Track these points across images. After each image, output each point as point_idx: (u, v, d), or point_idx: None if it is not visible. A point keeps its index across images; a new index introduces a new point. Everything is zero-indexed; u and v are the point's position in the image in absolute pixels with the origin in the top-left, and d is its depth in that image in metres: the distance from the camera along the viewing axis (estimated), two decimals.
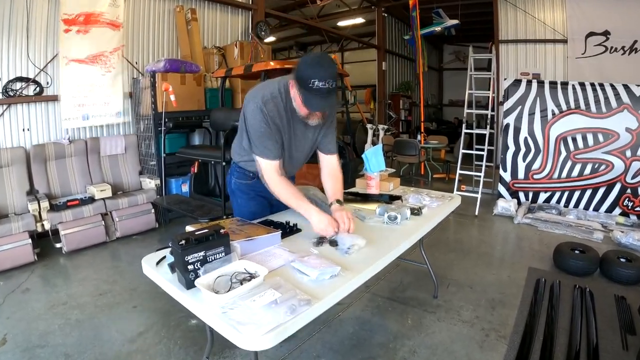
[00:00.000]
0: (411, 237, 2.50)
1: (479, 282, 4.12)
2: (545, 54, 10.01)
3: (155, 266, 2.03)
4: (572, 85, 6.25)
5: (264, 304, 1.59)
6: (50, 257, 4.91)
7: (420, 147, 9.14)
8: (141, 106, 6.30)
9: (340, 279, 1.85)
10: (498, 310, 3.55)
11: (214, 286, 1.71)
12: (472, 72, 7.64)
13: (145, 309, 3.66)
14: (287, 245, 2.23)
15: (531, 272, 4.26)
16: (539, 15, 9.92)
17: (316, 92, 2.12)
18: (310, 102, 2.18)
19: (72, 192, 5.57)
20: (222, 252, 1.87)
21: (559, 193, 6.44)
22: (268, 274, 1.81)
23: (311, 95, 2.14)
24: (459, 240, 5.55)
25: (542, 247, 5.10)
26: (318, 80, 2.08)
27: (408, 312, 3.55)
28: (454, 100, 19.12)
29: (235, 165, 2.79)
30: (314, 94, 2.13)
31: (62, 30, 5.48)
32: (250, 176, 2.73)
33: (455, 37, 14.30)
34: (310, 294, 1.70)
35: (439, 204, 3.15)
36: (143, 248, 5.23)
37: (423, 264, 3.78)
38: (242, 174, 2.76)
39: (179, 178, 6.39)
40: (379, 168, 3.46)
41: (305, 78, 2.12)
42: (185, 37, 7.11)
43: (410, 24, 10.60)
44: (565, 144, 6.27)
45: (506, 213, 6.42)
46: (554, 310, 3.43)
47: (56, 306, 3.71)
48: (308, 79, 2.10)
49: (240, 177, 2.78)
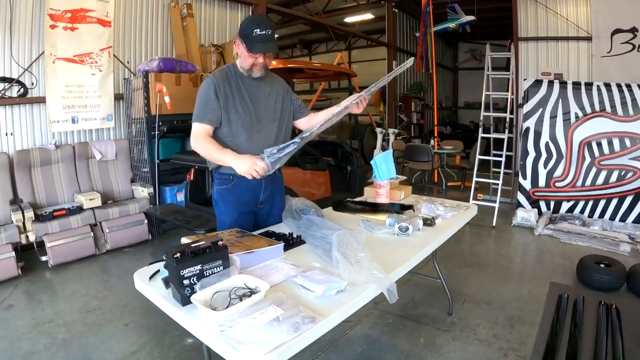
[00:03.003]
0: (424, 250, 2.50)
1: (496, 298, 4.12)
2: (568, 53, 9.99)
3: (148, 281, 2.05)
4: (597, 86, 6.25)
5: (265, 322, 1.59)
6: (35, 271, 4.92)
7: (433, 153, 9.14)
8: (133, 109, 6.32)
9: (347, 295, 1.85)
10: (517, 328, 3.54)
11: (212, 302, 1.72)
12: (489, 72, 7.66)
13: (138, 326, 3.67)
14: (290, 259, 2.24)
15: (553, 288, 4.22)
16: (561, 10, 9.91)
17: (258, 38, 2.62)
18: (254, 46, 2.65)
19: (58, 202, 5.58)
20: (220, 265, 1.88)
21: (582, 202, 6.42)
22: (269, 289, 1.81)
23: (254, 42, 2.64)
24: (475, 253, 5.54)
25: (564, 260, 5.09)
26: (259, 30, 2.60)
27: (420, 330, 3.55)
28: (469, 103, 19.11)
29: (215, 173, 2.99)
30: (257, 40, 2.63)
31: (48, 26, 5.51)
32: (229, 179, 2.88)
33: (471, 34, 14.27)
34: (315, 310, 1.70)
35: (454, 214, 3.16)
36: (135, 261, 5.23)
37: (437, 279, 3.79)
38: (222, 179, 2.93)
39: (174, 186, 6.41)
40: (389, 175, 3.46)
41: (248, 30, 2.63)
42: (180, 34, 7.14)
43: (423, 20, 10.59)
44: (589, 149, 6.26)
45: (526, 224, 6.40)
46: (577, 329, 3.40)
47: (41, 324, 3.72)
48: (250, 30, 2.61)
49: (220, 182, 2.95)
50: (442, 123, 17.36)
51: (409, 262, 2.31)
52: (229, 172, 2.81)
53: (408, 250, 2.43)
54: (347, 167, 7.43)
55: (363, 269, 1.95)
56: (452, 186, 9.77)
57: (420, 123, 16.05)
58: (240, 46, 2.74)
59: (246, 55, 2.71)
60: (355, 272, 1.95)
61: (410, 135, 14.99)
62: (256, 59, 2.72)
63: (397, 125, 13.96)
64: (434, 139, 10.68)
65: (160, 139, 5.97)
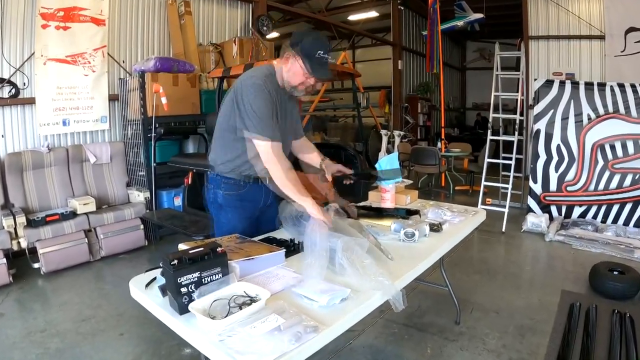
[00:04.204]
0: (430, 257, 2.50)
1: (506, 306, 4.11)
2: (580, 52, 10.01)
3: (144, 289, 2.05)
4: (611, 87, 6.24)
5: (266, 331, 1.59)
6: (27, 278, 4.93)
7: (440, 156, 9.12)
8: (128, 110, 6.34)
9: (351, 303, 1.85)
10: (527, 338, 3.53)
11: (210, 311, 1.72)
12: (498, 72, 7.65)
13: (133, 336, 3.67)
14: (291, 266, 2.24)
15: (564, 296, 4.25)
16: (573, 8, 9.93)
17: (320, 61, 2.57)
18: (316, 69, 2.58)
19: (51, 206, 5.58)
20: (219, 273, 1.88)
21: (595, 207, 6.41)
22: (270, 297, 1.82)
23: (316, 65, 2.57)
24: (484, 259, 5.53)
25: (576, 267, 5.08)
26: (323, 52, 2.56)
27: (427, 340, 3.54)
28: (478, 104, 19.08)
29: (220, 178, 2.85)
30: (319, 63, 2.57)
31: (40, 26, 5.53)
32: (240, 184, 2.80)
33: (480, 32, 14.23)
34: (317, 319, 1.70)
35: (462, 220, 3.16)
36: (131, 268, 5.23)
37: (444, 286, 3.78)
38: (231, 185, 2.82)
39: (171, 190, 6.42)
40: (395, 179, 3.46)
41: (311, 49, 2.55)
42: (177, 32, 7.16)
43: (430, 17, 10.59)
44: (602, 152, 6.25)
45: (536, 229, 6.39)
46: (589, 339, 3.42)
47: (33, 333, 3.72)
48: (315, 49, 2.55)
49: (228, 188, 2.83)
50: (450, 125, 17.36)
51: (415, 269, 2.31)
52: (239, 177, 2.77)
53: (414, 256, 2.43)
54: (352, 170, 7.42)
55: (369, 275, 1.95)
56: (460, 190, 9.76)
57: (427, 125, 16.04)
58: (295, 62, 2.61)
59: (300, 73, 2.62)
60: (362, 278, 1.96)
61: (417, 137, 14.98)
62: (307, 80, 2.66)
63: (403, 127, 13.95)
64: (441, 141, 10.65)
65: (157, 141, 5.97)
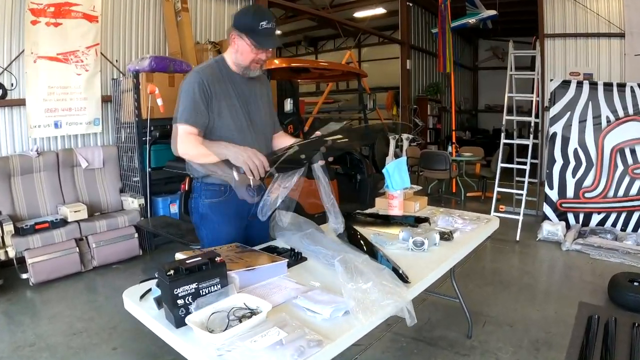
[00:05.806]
0: (441, 267, 2.50)
1: (520, 319, 4.11)
2: (598, 51, 10.00)
3: (138, 301, 2.05)
4: (631, 87, 6.24)
5: (267, 345, 1.59)
6: (15, 289, 4.93)
7: (451, 161, 9.13)
8: (122, 112, 6.35)
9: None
10: (543, 352, 3.53)
11: (208, 324, 1.72)
12: (512, 72, 7.66)
13: (127, 351, 3.68)
14: (294, 276, 2.24)
15: (582, 308, 4.23)
16: (591, 5, 9.92)
17: (265, 31, 2.61)
18: (262, 41, 2.63)
19: (41, 214, 5.58)
20: (218, 284, 1.88)
21: (614, 214, 6.40)
22: (272, 309, 1.81)
23: (262, 36, 2.61)
24: (497, 270, 5.52)
25: (594, 278, 5.07)
26: (266, 22, 2.58)
27: (437, 354, 3.54)
28: (491, 105, 19.09)
29: (201, 185, 2.86)
30: (265, 34, 2.61)
31: (29, 22, 5.54)
32: (220, 190, 2.81)
33: (492, 30, 14.29)
34: (321, 333, 1.69)
35: (474, 228, 3.16)
36: (124, 279, 5.24)
37: (455, 298, 3.78)
38: (211, 192, 2.84)
39: (167, 197, 6.42)
40: (403, 185, 3.45)
41: (253, 23, 2.59)
42: (174, 30, 7.17)
43: (440, 14, 10.59)
44: (622, 156, 6.25)
45: (553, 238, 6.38)
46: (608, 353, 3.41)
47: (22, 348, 3.73)
48: (256, 23, 2.58)
49: (210, 195, 2.84)
50: (461, 128, 17.35)
51: (424, 280, 2.31)
52: (219, 182, 2.76)
53: (423, 266, 2.43)
54: (357, 175, 7.40)
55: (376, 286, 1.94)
56: (472, 197, 9.76)
57: (437, 128, 16.04)
58: (239, 41, 2.68)
59: (248, 50, 2.66)
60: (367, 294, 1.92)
61: (426, 141, 14.98)
62: (257, 55, 2.68)
63: (412, 130, 13.95)
64: (452, 145, 10.67)
65: (152, 145, 5.98)
